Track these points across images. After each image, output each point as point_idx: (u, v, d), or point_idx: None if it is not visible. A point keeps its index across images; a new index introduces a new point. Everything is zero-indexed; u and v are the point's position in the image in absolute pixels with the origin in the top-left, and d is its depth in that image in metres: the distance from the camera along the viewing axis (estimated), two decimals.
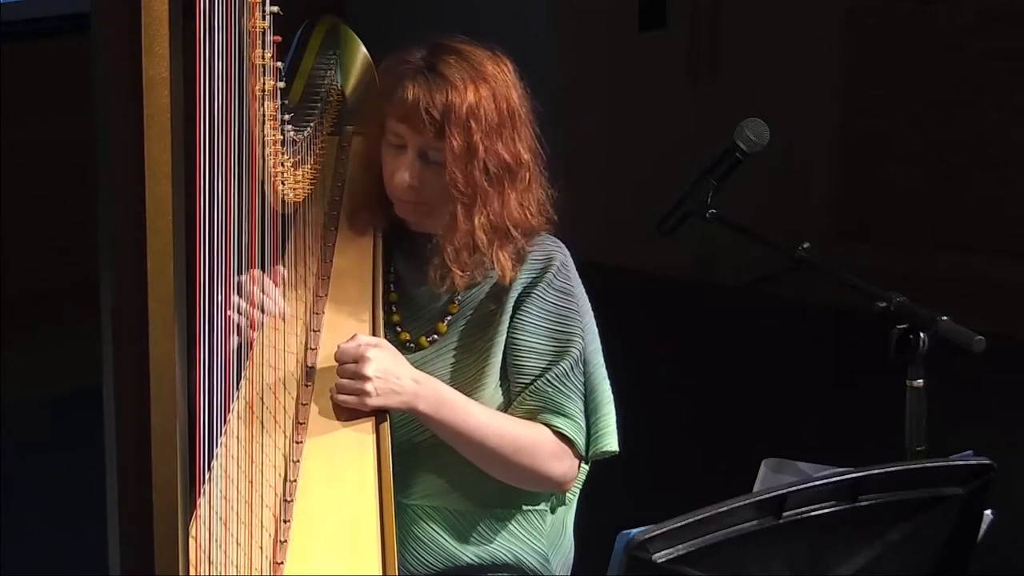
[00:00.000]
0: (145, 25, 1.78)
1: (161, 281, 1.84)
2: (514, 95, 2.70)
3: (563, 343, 2.70)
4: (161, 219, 1.83)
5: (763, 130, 2.89)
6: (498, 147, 2.67)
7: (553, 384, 2.68)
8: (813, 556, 2.09)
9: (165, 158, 1.82)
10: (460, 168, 2.65)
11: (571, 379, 2.69)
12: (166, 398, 1.87)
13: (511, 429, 2.67)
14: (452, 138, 2.64)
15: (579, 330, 2.72)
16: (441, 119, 2.64)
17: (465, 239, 2.68)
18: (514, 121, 2.69)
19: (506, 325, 2.70)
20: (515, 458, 2.66)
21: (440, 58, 2.67)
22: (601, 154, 6.57)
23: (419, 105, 2.64)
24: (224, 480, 2.42)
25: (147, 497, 1.90)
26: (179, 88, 1.82)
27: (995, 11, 7.12)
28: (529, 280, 2.72)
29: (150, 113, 1.80)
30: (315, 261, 2.84)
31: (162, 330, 1.85)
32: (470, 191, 2.67)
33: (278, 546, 2.42)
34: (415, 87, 2.65)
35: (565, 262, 2.74)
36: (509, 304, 2.71)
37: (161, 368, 1.86)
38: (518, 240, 2.71)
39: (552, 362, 2.69)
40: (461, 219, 2.67)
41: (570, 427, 2.68)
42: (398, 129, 2.69)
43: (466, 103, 2.64)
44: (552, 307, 2.71)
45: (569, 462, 2.70)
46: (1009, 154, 7.16)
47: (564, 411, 2.68)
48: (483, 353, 2.71)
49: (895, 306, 2.66)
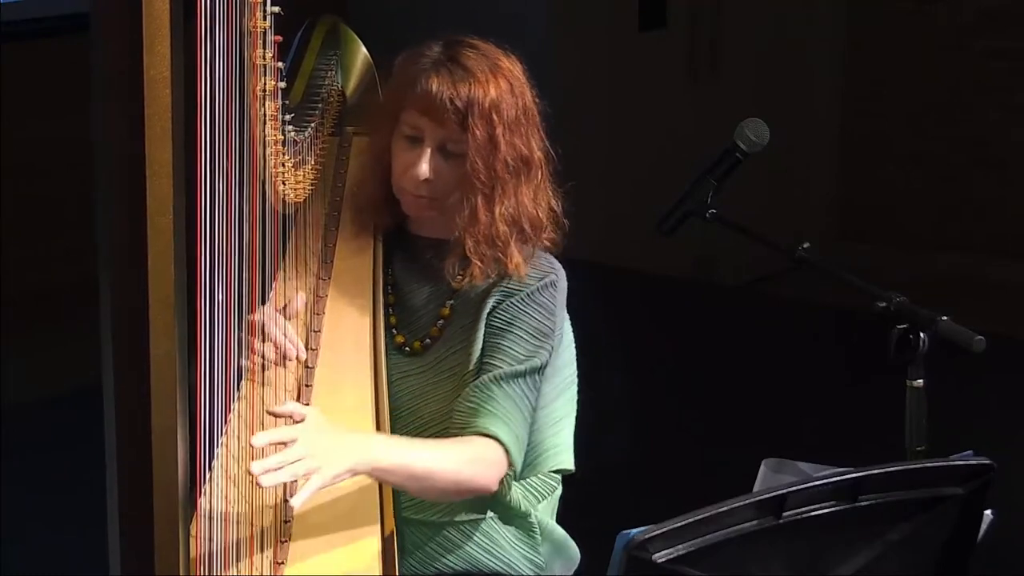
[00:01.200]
0: (146, 25, 1.78)
1: (161, 281, 1.84)
2: (528, 93, 2.72)
3: (526, 352, 2.67)
4: (162, 219, 1.83)
5: (763, 130, 2.89)
6: (516, 141, 2.68)
7: (501, 386, 2.64)
8: (813, 556, 2.09)
9: (166, 158, 1.82)
10: (482, 159, 2.66)
11: (522, 388, 2.65)
12: (166, 398, 1.88)
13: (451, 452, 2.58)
14: (476, 129, 2.65)
15: (547, 347, 2.69)
16: (464, 110, 2.65)
17: (486, 230, 2.68)
18: (528, 118, 2.71)
19: (484, 326, 2.70)
20: (458, 479, 2.57)
21: (460, 51, 2.68)
22: (601, 154, 6.57)
23: (443, 96, 2.64)
24: (224, 480, 2.42)
25: (147, 496, 1.90)
26: (180, 88, 1.82)
27: (995, 11, 7.12)
28: (514, 289, 2.71)
29: (151, 113, 1.80)
30: (315, 261, 2.84)
31: (162, 330, 1.85)
32: (491, 183, 2.67)
33: (278, 546, 2.43)
34: (438, 79, 2.66)
35: (555, 281, 2.73)
36: (488, 307, 2.70)
37: (161, 368, 1.87)
38: (531, 238, 2.71)
39: (510, 365, 2.66)
40: (482, 210, 2.68)
41: (507, 438, 2.61)
42: (418, 122, 2.69)
43: (489, 95, 2.65)
44: (527, 317, 2.69)
45: (498, 469, 2.62)
46: (1009, 154, 7.16)
47: (504, 418, 2.62)
48: (471, 355, 2.70)
49: (895, 306, 2.66)
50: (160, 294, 1.83)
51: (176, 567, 1.95)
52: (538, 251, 2.74)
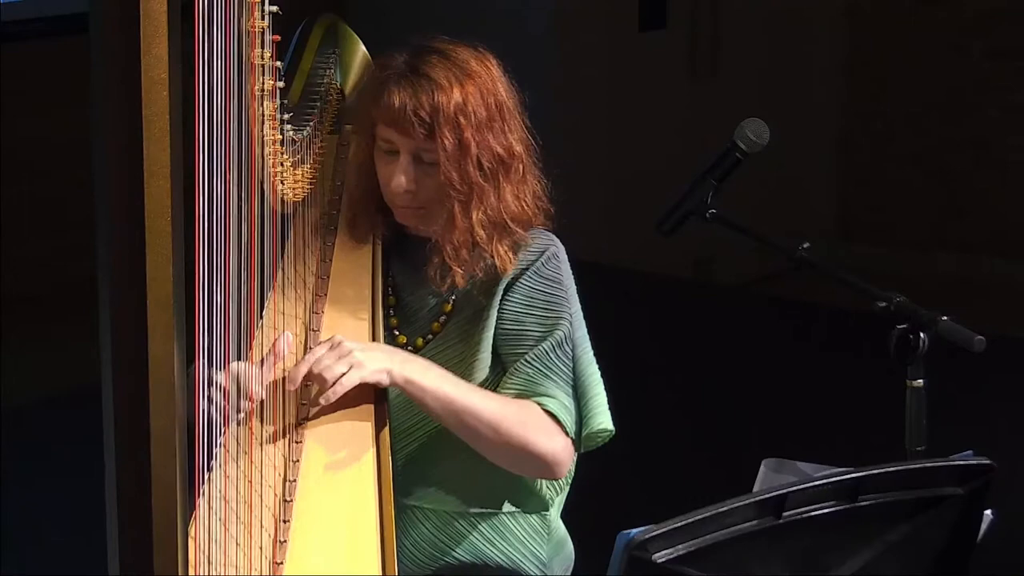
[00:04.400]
0: (144, 25, 1.78)
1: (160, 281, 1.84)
2: (500, 89, 2.70)
3: (548, 326, 2.69)
4: (160, 219, 1.83)
5: (763, 130, 2.89)
6: (490, 141, 2.67)
7: (534, 365, 2.67)
8: (813, 556, 2.09)
9: (164, 158, 1.81)
10: (454, 166, 2.65)
11: (554, 360, 2.67)
12: (165, 399, 1.87)
13: (500, 399, 2.64)
14: (443, 137, 2.64)
15: (566, 315, 2.71)
16: (430, 120, 2.64)
17: (464, 236, 2.68)
18: (503, 114, 2.69)
19: (495, 314, 2.70)
20: (505, 428, 2.61)
21: (423, 59, 2.67)
22: (601, 154, 6.57)
23: (406, 109, 2.64)
24: (223, 480, 2.42)
25: (146, 498, 1.90)
26: (178, 88, 1.82)
27: (995, 11, 7.12)
28: (519, 271, 2.71)
29: (149, 113, 1.80)
30: (314, 261, 2.84)
31: (161, 331, 1.84)
32: (466, 188, 2.67)
33: (277, 546, 2.43)
34: (400, 92, 2.65)
35: (556, 253, 2.74)
36: (499, 295, 2.71)
37: (160, 369, 1.86)
38: (516, 232, 2.71)
39: (535, 344, 2.68)
40: (459, 217, 2.68)
41: (555, 406, 2.65)
42: (388, 135, 2.69)
43: (453, 101, 2.64)
44: (538, 293, 2.71)
45: (560, 440, 2.65)
46: (1009, 154, 7.16)
47: (548, 391, 2.65)
48: (477, 345, 2.70)
49: (895, 306, 2.66)
50: (159, 294, 1.83)
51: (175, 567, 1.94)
52: (532, 230, 2.74)
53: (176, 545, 1.91)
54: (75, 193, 3.87)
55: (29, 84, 5.83)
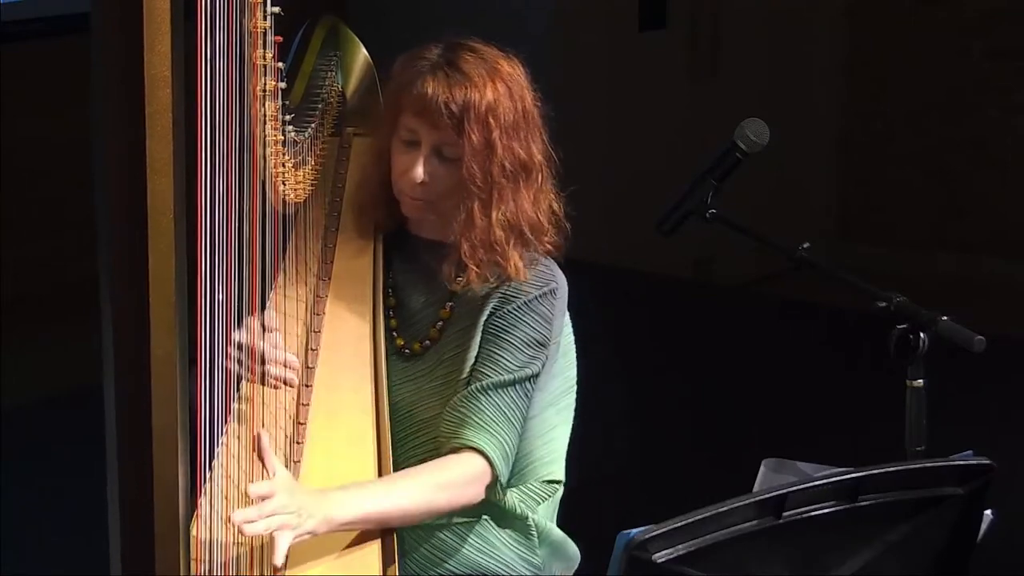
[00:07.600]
0: (146, 25, 1.79)
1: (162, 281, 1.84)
2: (528, 96, 2.71)
3: (520, 362, 2.66)
4: (162, 219, 1.83)
5: (763, 130, 2.89)
6: (514, 145, 2.67)
7: (490, 396, 2.63)
8: (813, 556, 2.09)
9: (166, 158, 1.82)
10: (478, 164, 2.65)
11: (512, 398, 2.64)
12: (166, 398, 1.88)
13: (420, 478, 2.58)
14: (471, 133, 2.64)
15: (542, 358, 2.68)
16: (460, 115, 2.64)
17: (483, 235, 2.67)
18: (528, 122, 2.70)
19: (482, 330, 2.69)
20: (436, 507, 2.58)
21: (458, 55, 2.68)
22: (601, 154, 6.57)
23: (438, 100, 2.64)
24: (225, 479, 2.42)
25: (148, 497, 1.90)
26: (180, 88, 1.82)
27: (995, 11, 7.12)
28: (515, 296, 2.70)
29: (151, 113, 1.80)
30: (315, 261, 2.84)
31: (162, 330, 1.85)
32: (487, 187, 2.66)
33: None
34: (434, 82, 2.65)
35: (555, 290, 2.72)
36: (487, 312, 2.69)
37: (161, 368, 1.87)
38: (531, 242, 2.71)
39: (502, 373, 2.65)
40: (478, 215, 2.67)
41: (489, 446, 2.60)
42: (414, 125, 2.68)
43: (485, 100, 2.65)
44: (525, 326, 2.68)
45: (479, 484, 2.62)
46: (1009, 154, 7.16)
47: (491, 428, 2.61)
48: (467, 360, 2.68)
49: (895, 306, 2.66)
50: (160, 294, 1.83)
51: (176, 567, 1.95)
52: (541, 258, 2.73)
53: (178, 544, 1.91)
54: (75, 193, 3.88)
55: (29, 84, 5.82)
